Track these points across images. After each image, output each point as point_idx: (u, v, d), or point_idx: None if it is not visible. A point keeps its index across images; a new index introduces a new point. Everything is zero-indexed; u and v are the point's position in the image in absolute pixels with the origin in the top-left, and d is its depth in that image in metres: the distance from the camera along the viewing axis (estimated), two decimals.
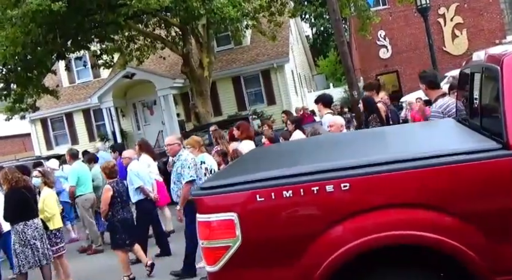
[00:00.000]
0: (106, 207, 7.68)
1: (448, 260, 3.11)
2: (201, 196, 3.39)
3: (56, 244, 7.66)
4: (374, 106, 8.59)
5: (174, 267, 7.40)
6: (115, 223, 7.71)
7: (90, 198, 10.37)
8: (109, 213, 7.73)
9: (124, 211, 7.73)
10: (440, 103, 5.89)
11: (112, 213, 7.71)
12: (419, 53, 27.34)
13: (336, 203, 3.17)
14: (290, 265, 3.22)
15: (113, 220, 7.74)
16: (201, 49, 19.46)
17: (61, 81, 26.30)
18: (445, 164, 3.11)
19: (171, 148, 7.36)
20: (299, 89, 27.84)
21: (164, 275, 7.40)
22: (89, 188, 10.38)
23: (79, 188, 10.34)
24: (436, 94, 6.07)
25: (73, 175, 10.42)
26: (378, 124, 8.21)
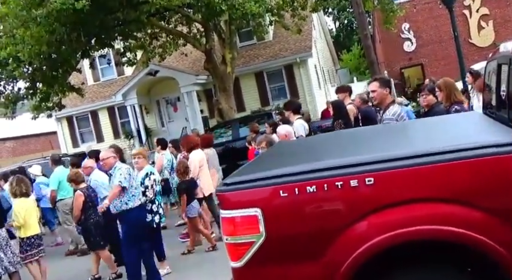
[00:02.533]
0: (78, 213, 7.97)
1: (474, 255, 3.06)
2: (224, 192, 3.38)
3: (26, 251, 7.82)
4: (343, 110, 8.78)
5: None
6: (88, 227, 7.96)
7: (69, 203, 10.17)
8: (82, 218, 7.99)
9: (95, 214, 7.86)
10: (393, 111, 5.95)
11: (84, 217, 7.98)
12: (444, 45, 27.00)
13: (360, 198, 3.13)
14: (314, 261, 3.19)
15: (86, 224, 8.01)
16: (223, 45, 19.47)
17: (86, 79, 26.58)
18: (472, 158, 3.04)
19: (105, 163, 7.32)
20: (322, 84, 27.69)
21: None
22: (70, 193, 10.18)
23: (59, 192, 10.37)
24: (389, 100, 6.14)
25: (54, 180, 10.46)
26: (343, 127, 8.44)
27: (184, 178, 8.80)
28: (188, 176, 8.88)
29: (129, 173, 7.04)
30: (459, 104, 6.39)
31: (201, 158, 9.50)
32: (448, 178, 3.07)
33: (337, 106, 9.05)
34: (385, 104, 6.11)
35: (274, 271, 3.28)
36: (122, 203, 6.91)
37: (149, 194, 7.54)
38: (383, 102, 6.13)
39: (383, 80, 6.41)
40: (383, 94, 6.08)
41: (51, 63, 16.06)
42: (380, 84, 6.12)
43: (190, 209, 8.61)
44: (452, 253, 3.14)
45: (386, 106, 6.06)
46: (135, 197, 7.01)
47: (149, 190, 7.55)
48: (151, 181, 7.60)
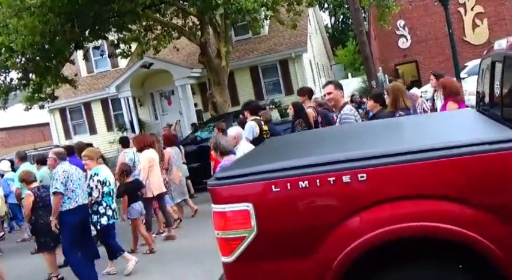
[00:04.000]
0: (28, 212, 7.88)
1: (466, 252, 3.06)
2: (215, 187, 3.36)
3: None
4: (303, 111, 8.96)
5: None
6: (38, 227, 7.87)
7: None
8: (33, 218, 7.90)
9: (46, 215, 7.72)
10: (350, 107, 6.47)
11: (35, 217, 7.88)
12: (439, 42, 27.08)
13: (352, 194, 3.12)
14: (306, 256, 3.18)
15: (36, 224, 7.92)
16: (218, 39, 19.41)
17: (79, 70, 26.47)
18: (465, 155, 3.04)
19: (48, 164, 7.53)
20: (317, 79, 27.69)
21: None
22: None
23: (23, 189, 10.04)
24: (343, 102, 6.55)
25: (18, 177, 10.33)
26: (304, 128, 8.63)
27: (124, 180, 8.87)
28: (127, 178, 8.94)
29: (66, 176, 7.09)
30: (404, 110, 6.50)
31: (151, 159, 9.56)
32: (440, 175, 3.06)
33: (297, 107, 9.18)
34: (339, 105, 6.47)
35: (266, 266, 3.26)
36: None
37: (94, 195, 7.53)
38: (338, 103, 6.51)
39: (337, 83, 6.79)
40: (338, 96, 6.48)
41: (45, 54, 15.94)
42: (334, 87, 6.51)
43: (131, 210, 8.70)
44: (444, 250, 3.14)
45: (340, 107, 6.42)
46: (71, 199, 7.09)
47: (94, 191, 7.53)
48: (95, 182, 7.56)
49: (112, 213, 7.69)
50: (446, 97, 7.49)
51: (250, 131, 9.07)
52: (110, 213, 7.66)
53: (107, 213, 7.63)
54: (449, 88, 7.50)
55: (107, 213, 7.64)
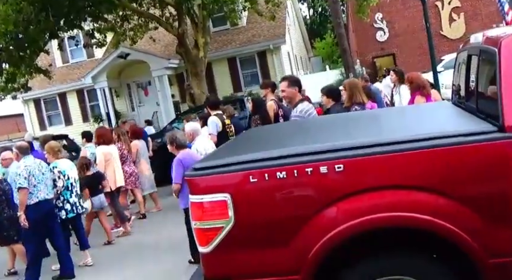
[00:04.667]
0: None
1: (441, 242, 3.10)
2: (193, 177, 3.36)
3: None
4: (261, 107, 8.91)
5: None
6: (1, 221, 7.70)
7: None
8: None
9: (10, 209, 7.63)
10: (300, 108, 6.25)
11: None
12: (416, 36, 27.27)
13: (330, 184, 3.14)
14: (283, 246, 3.20)
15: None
16: (196, 29, 19.28)
17: (54, 61, 26.10)
18: (440, 147, 3.08)
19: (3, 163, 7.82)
20: (295, 71, 27.73)
21: None
22: None
23: None
24: (298, 98, 6.44)
25: None
26: (259, 124, 8.63)
27: (84, 174, 8.84)
28: (87, 171, 8.94)
29: (28, 171, 7.02)
30: (360, 105, 6.62)
31: (106, 153, 9.60)
32: (415, 166, 3.10)
33: (256, 102, 9.23)
34: (294, 102, 6.42)
35: (243, 256, 3.28)
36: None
37: (59, 185, 7.51)
38: (292, 100, 6.48)
39: (292, 79, 6.73)
40: (291, 93, 6.43)
41: (18, 43, 15.66)
42: (288, 83, 6.47)
43: (92, 203, 8.75)
44: (419, 240, 3.18)
45: (295, 104, 6.38)
46: (32, 195, 7.02)
47: (57, 181, 7.51)
48: (56, 174, 7.53)
49: (70, 207, 7.64)
50: (414, 91, 7.67)
51: (213, 126, 9.10)
52: (68, 207, 7.61)
53: (64, 207, 7.59)
54: (416, 81, 7.68)
55: (65, 207, 7.59)
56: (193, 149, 7.28)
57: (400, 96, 9.26)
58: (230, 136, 9.39)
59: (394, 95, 9.66)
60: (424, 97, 7.32)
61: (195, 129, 7.64)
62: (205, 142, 7.55)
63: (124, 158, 10.29)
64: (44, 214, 7.17)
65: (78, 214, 7.88)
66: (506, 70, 3.15)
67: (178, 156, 6.78)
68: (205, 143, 7.47)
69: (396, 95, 9.54)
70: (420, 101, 7.23)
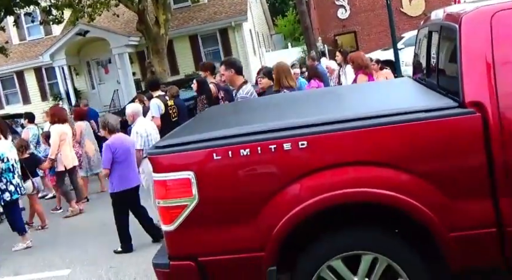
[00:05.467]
0: None
1: (404, 217, 3.15)
2: (156, 155, 3.31)
3: None
4: (206, 87, 8.96)
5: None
6: None
7: None
8: None
9: None
10: (246, 89, 6.30)
11: None
12: (377, 13, 27.44)
13: (293, 161, 3.14)
14: (247, 224, 3.20)
15: None
16: (156, 6, 19.00)
17: (11, 38, 25.39)
18: (401, 123, 3.11)
19: None
20: (257, 48, 27.63)
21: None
22: None
23: None
24: (240, 81, 6.48)
25: None
26: (205, 105, 8.62)
27: (22, 156, 8.70)
28: (23, 154, 8.83)
29: None
30: (288, 89, 6.64)
31: (62, 132, 9.47)
32: (377, 142, 3.13)
33: (201, 82, 9.20)
34: (236, 84, 6.47)
35: (207, 234, 3.27)
36: None
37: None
38: (234, 82, 6.54)
39: (228, 62, 6.73)
40: (228, 76, 6.47)
41: None
42: (225, 67, 6.49)
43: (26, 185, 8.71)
44: (382, 216, 3.23)
45: (238, 86, 6.41)
46: None
47: None
48: None
49: (13, 188, 7.53)
50: (356, 70, 7.81)
51: (156, 108, 9.12)
52: (12, 188, 7.50)
53: (8, 189, 7.47)
54: (357, 61, 7.87)
55: (9, 188, 7.47)
56: (133, 131, 7.22)
57: (346, 76, 9.47)
58: (173, 117, 9.41)
59: (341, 76, 9.82)
60: (366, 76, 7.48)
61: (135, 111, 7.52)
62: (146, 124, 7.48)
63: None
64: None
65: (20, 195, 7.80)
66: (467, 46, 3.19)
67: (107, 141, 6.79)
68: (146, 125, 7.40)
69: (342, 75, 9.73)
70: (363, 79, 7.41)
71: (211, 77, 9.20)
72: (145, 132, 7.16)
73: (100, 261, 6.63)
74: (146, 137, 7.13)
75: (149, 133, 7.21)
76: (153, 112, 9.05)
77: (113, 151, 6.63)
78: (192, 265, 3.30)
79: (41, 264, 6.99)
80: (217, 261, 3.30)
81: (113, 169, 6.67)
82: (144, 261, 5.86)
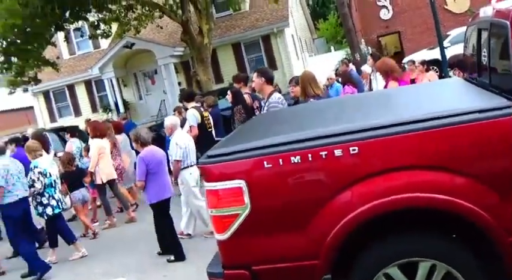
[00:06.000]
0: None
1: (462, 222, 3.08)
2: (207, 165, 3.34)
3: None
4: (241, 97, 9.02)
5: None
6: None
7: None
8: None
9: None
10: (277, 96, 6.64)
11: None
12: (421, 12, 26.94)
13: (345, 167, 3.12)
14: (300, 231, 3.19)
15: None
16: (200, 16, 19.21)
17: (61, 53, 26.14)
18: (454, 125, 3.04)
19: None
20: (300, 54, 27.58)
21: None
22: None
23: None
24: (270, 89, 6.76)
25: None
26: (243, 114, 8.71)
27: (68, 169, 9.10)
28: (70, 167, 9.16)
29: (6, 170, 7.17)
30: (315, 97, 6.55)
31: (101, 147, 9.74)
32: (431, 146, 3.06)
33: (235, 93, 9.28)
34: (266, 92, 6.73)
35: (260, 243, 3.27)
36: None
37: (37, 186, 7.57)
38: (263, 91, 6.82)
39: (260, 70, 7.05)
40: (258, 83, 6.77)
41: (26, 36, 15.72)
42: (257, 75, 6.80)
43: (74, 197, 8.98)
44: (438, 220, 3.16)
45: (268, 95, 6.66)
46: (11, 193, 7.19)
47: (36, 183, 7.57)
48: (36, 175, 7.59)
49: (56, 203, 7.77)
50: (385, 78, 7.60)
51: (193, 118, 9.30)
52: (53, 203, 7.74)
53: (50, 203, 7.71)
54: (383, 68, 7.56)
55: (51, 203, 7.71)
56: (172, 142, 7.43)
57: (376, 81, 9.19)
58: (208, 128, 9.57)
59: (372, 80, 9.56)
60: (396, 81, 7.16)
61: (174, 123, 7.73)
62: (184, 136, 7.71)
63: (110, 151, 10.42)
64: (23, 212, 7.38)
65: (63, 209, 8.05)
66: None
67: (140, 154, 6.95)
68: (184, 137, 7.64)
69: (373, 79, 9.45)
70: (392, 86, 7.14)
71: (245, 88, 9.32)
72: (184, 144, 7.40)
73: (153, 269, 6.74)
74: (184, 148, 7.38)
75: (187, 144, 7.46)
76: (191, 122, 9.26)
77: (146, 163, 6.80)
78: (245, 274, 3.30)
79: (96, 272, 7.18)
80: (270, 269, 3.29)
81: (147, 181, 6.84)
82: (197, 270, 5.90)
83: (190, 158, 7.51)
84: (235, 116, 8.89)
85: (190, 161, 7.50)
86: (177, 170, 7.38)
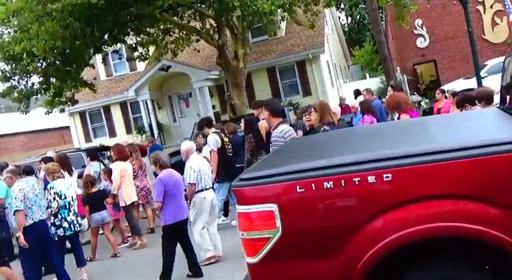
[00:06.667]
0: None
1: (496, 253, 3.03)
2: (240, 188, 3.37)
3: None
4: (254, 126, 9.43)
5: None
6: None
7: None
8: None
9: (3, 230, 8.05)
10: (281, 129, 6.86)
11: None
12: (458, 41, 26.82)
13: (378, 194, 3.11)
14: (331, 257, 3.18)
15: None
16: (235, 41, 19.45)
17: (98, 74, 26.67)
18: (489, 155, 3.02)
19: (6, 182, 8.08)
20: (335, 80, 27.60)
21: None
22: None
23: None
24: (277, 121, 7.02)
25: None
26: (253, 143, 9.17)
27: (89, 190, 9.39)
28: (91, 188, 9.44)
29: (23, 193, 7.29)
30: (329, 125, 6.92)
31: (123, 169, 9.99)
32: (465, 175, 3.04)
33: (249, 122, 9.52)
34: (273, 124, 7.08)
35: (291, 267, 3.27)
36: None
37: (54, 206, 7.78)
38: (271, 123, 7.22)
39: (264, 103, 7.74)
40: (267, 116, 7.26)
41: (65, 58, 16.11)
42: (264, 108, 7.42)
43: (93, 219, 9.29)
44: (471, 251, 3.12)
45: (275, 126, 6.97)
46: (27, 217, 7.30)
47: (52, 202, 7.79)
48: (52, 195, 7.81)
49: (67, 225, 7.92)
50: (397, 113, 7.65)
51: (214, 143, 9.65)
52: (65, 225, 7.90)
53: (62, 225, 7.88)
54: (390, 104, 7.71)
55: (63, 225, 7.89)
56: (187, 166, 7.67)
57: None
58: (228, 153, 9.72)
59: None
60: (407, 114, 7.28)
61: (189, 147, 8.03)
62: (199, 160, 7.93)
63: (135, 173, 10.66)
64: (40, 234, 7.47)
65: (76, 231, 8.19)
66: None
67: (159, 176, 7.17)
68: (199, 161, 7.85)
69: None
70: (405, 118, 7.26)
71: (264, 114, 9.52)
72: (198, 167, 7.62)
73: None
74: (198, 171, 7.59)
75: (201, 168, 7.66)
76: (211, 145, 9.61)
77: (164, 185, 7.00)
78: None
79: None
80: None
81: (165, 202, 7.02)
82: None
83: (205, 182, 7.70)
84: (246, 144, 9.18)
85: (204, 185, 7.70)
86: (192, 193, 7.62)
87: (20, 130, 37.33)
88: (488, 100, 6.61)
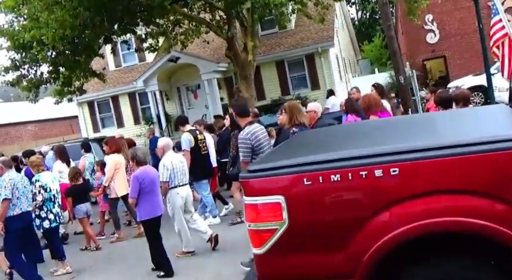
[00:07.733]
0: None
1: (501, 248, 3.04)
2: (248, 179, 3.39)
3: None
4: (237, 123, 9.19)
5: None
6: None
7: None
8: None
9: None
10: (247, 131, 6.67)
11: None
12: (468, 38, 26.71)
13: (384, 188, 3.13)
14: (337, 250, 3.21)
15: None
16: (245, 33, 19.39)
17: (107, 64, 26.69)
18: (495, 151, 3.03)
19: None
20: (343, 74, 27.54)
21: None
22: None
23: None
24: (245, 122, 6.82)
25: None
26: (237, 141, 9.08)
27: (75, 183, 9.52)
28: (77, 181, 9.57)
29: (12, 183, 7.44)
30: (299, 127, 6.76)
31: (117, 162, 10.09)
32: (471, 170, 3.06)
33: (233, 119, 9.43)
34: (242, 124, 6.89)
35: (296, 259, 3.30)
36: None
37: (38, 199, 7.89)
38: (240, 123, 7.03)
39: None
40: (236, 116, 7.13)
41: (74, 47, 16.09)
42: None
43: (77, 211, 9.40)
44: (476, 246, 3.13)
45: (243, 127, 6.81)
46: (15, 206, 7.45)
47: (37, 195, 7.90)
48: (37, 188, 7.93)
49: (53, 217, 8.05)
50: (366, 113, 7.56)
51: (186, 143, 9.73)
52: (51, 217, 8.03)
53: (48, 217, 8.01)
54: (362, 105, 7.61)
55: (49, 217, 8.01)
56: (160, 164, 7.77)
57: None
58: (203, 151, 9.93)
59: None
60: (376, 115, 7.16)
61: (165, 144, 8.10)
62: (173, 157, 7.96)
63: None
64: (27, 223, 7.65)
65: (60, 223, 8.38)
66: None
67: (135, 172, 7.25)
68: (173, 159, 7.89)
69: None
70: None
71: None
72: (171, 165, 7.69)
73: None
74: (172, 170, 7.68)
75: (175, 166, 7.73)
76: (183, 146, 9.73)
77: (140, 182, 7.06)
78: None
79: None
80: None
81: (140, 199, 7.10)
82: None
83: (178, 179, 7.80)
84: (232, 140, 9.18)
85: (178, 181, 7.80)
86: (165, 190, 7.72)
87: (29, 119, 37.53)
88: (465, 101, 6.81)
